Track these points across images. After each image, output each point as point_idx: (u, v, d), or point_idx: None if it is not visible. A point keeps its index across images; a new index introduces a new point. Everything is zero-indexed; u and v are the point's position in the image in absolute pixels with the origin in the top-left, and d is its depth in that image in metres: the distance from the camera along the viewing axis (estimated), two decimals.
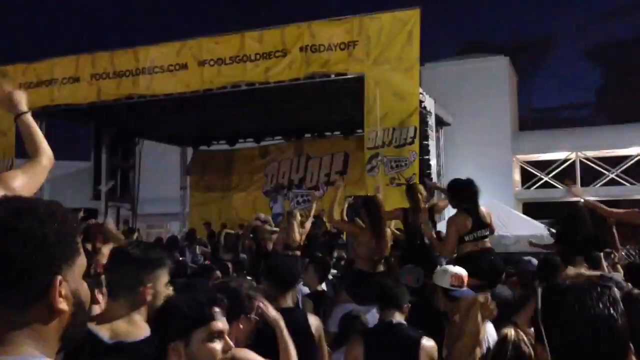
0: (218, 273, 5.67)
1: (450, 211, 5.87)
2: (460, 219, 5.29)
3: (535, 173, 24.57)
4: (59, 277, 1.11)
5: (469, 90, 22.71)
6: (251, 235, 9.28)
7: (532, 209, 20.13)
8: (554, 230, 9.74)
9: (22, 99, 2.52)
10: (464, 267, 4.39)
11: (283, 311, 3.02)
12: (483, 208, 5.49)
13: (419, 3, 9.80)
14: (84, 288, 1.17)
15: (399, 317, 3.55)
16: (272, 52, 10.38)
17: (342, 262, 8.24)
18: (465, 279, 3.99)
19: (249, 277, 5.82)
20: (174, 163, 18.68)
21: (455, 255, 5.39)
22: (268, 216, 11.03)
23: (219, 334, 1.97)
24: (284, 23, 10.53)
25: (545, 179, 24.33)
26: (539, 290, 1.46)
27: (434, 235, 6.08)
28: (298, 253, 7.43)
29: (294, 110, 13.62)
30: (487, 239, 5.39)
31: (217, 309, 2.00)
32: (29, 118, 2.49)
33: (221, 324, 1.99)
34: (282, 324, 2.75)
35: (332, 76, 10.68)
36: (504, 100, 23.70)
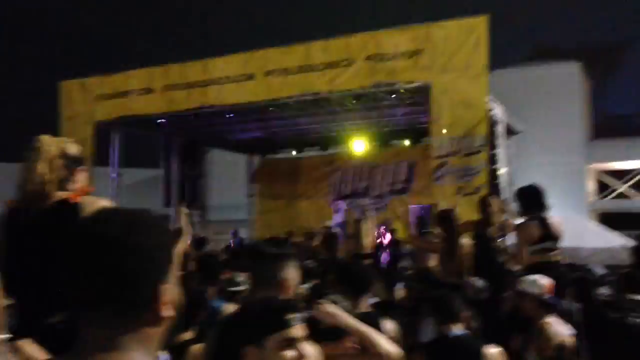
0: None
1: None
2: (528, 227, 5.11)
3: (611, 183, 23.57)
4: (164, 286, 1.17)
5: (540, 97, 22.07)
6: (324, 243, 9.31)
7: (607, 220, 19.29)
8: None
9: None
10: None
11: (356, 316, 3.01)
12: (553, 220, 5.28)
13: (488, 8, 9.63)
14: (176, 292, 1.22)
15: (456, 329, 3.53)
16: (338, 62, 10.43)
17: (408, 272, 8.14)
18: (551, 288, 4.15)
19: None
20: (241, 171, 19.04)
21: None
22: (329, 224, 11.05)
23: (294, 341, 1.97)
24: (350, 32, 10.57)
25: (621, 189, 23.30)
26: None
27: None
28: (368, 262, 7.38)
29: (359, 118, 13.63)
30: (555, 252, 5.16)
31: (292, 316, 2.00)
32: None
33: (296, 331, 1.98)
34: (339, 312, 2.71)
35: (398, 85, 10.64)
36: (576, 107, 22.90)
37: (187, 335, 3.12)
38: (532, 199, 5.27)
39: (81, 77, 13.33)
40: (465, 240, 6.12)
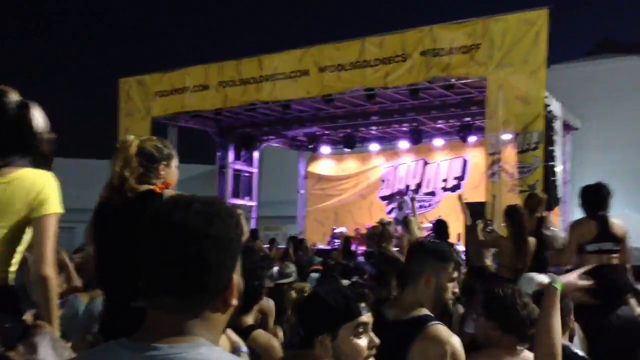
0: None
1: None
2: (583, 224, 4.90)
3: None
4: (234, 275, 1.22)
5: (599, 93, 21.38)
6: (376, 239, 9.32)
7: None
8: None
9: None
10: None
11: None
12: (616, 220, 5.04)
13: (548, 2, 9.39)
14: (241, 282, 1.26)
15: None
16: (392, 57, 10.36)
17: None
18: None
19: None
20: (293, 166, 19.20)
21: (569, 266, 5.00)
22: (389, 219, 11.03)
23: (365, 329, 1.99)
24: (405, 27, 10.50)
25: None
26: None
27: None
28: None
29: (413, 114, 13.55)
30: (615, 255, 4.88)
31: (363, 304, 2.02)
32: None
33: (367, 318, 2.00)
34: None
35: (453, 80, 10.52)
36: (638, 102, 22.07)
37: (249, 320, 3.21)
38: (595, 198, 5.04)
39: (140, 74, 13.71)
40: (531, 238, 6.07)
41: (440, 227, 8.20)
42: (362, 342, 1.97)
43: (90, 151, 27.79)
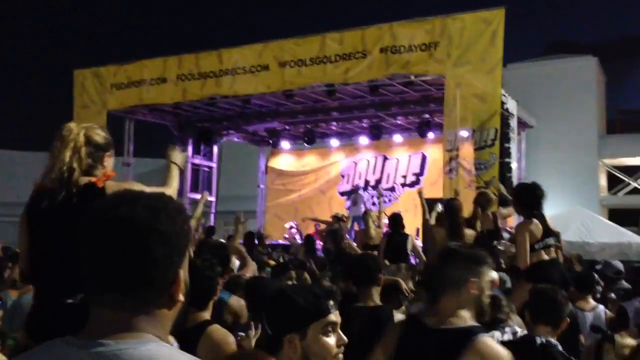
0: (293, 273, 5.78)
1: None
2: (530, 225, 5.00)
3: (623, 178, 23.42)
4: (181, 271, 1.20)
5: (554, 92, 21.91)
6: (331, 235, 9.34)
7: (618, 216, 19.19)
8: None
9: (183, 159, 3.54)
10: (534, 277, 4.36)
11: (369, 309, 3.02)
12: (547, 216, 5.21)
13: (504, 1, 9.58)
14: (187, 278, 1.24)
15: None
16: (352, 53, 10.42)
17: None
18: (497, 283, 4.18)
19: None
20: (253, 162, 19.10)
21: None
22: (345, 215, 11.06)
23: (334, 327, 1.97)
24: (365, 24, 10.56)
25: (634, 184, 23.14)
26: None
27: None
28: (376, 253, 7.43)
29: (372, 110, 13.63)
30: (554, 248, 5.11)
31: (332, 302, 1.99)
32: (177, 170, 3.39)
33: (334, 316, 1.98)
34: None
35: (412, 77, 10.63)
36: (591, 102, 22.69)
37: (205, 315, 3.17)
38: (531, 196, 5.15)
39: (95, 66, 13.41)
40: (470, 231, 6.24)
41: (395, 220, 8.29)
42: (331, 340, 1.94)
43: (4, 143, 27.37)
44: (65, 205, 2.59)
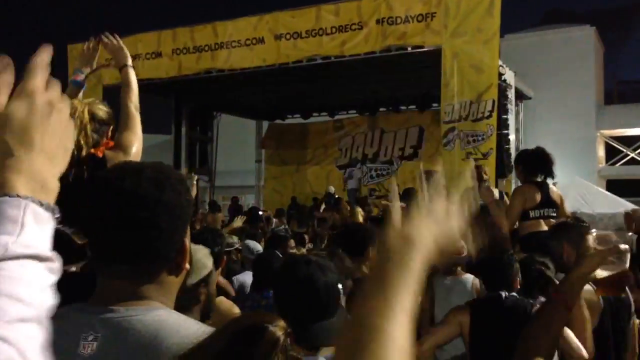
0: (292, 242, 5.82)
1: None
2: (529, 190, 4.81)
3: (621, 149, 23.42)
4: (186, 240, 1.23)
5: (551, 63, 21.77)
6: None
7: (616, 187, 19.23)
8: None
9: (127, 52, 2.89)
10: (529, 247, 4.19)
11: (361, 281, 3.03)
12: (554, 188, 5.02)
13: None
14: (190, 246, 1.27)
15: None
16: (348, 25, 10.33)
17: None
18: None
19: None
20: (250, 136, 19.04)
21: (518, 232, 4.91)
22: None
23: None
24: None
25: (632, 155, 23.16)
26: None
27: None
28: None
29: (369, 83, 13.54)
30: (553, 220, 4.76)
31: None
32: (132, 71, 2.83)
33: None
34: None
35: (409, 49, 10.53)
36: (589, 72, 22.56)
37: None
38: (536, 163, 4.92)
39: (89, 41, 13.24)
40: None
41: (409, 194, 8.41)
42: None
43: None
44: (78, 183, 2.61)
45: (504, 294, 3.16)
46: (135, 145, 2.58)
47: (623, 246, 1.57)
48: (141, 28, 13.09)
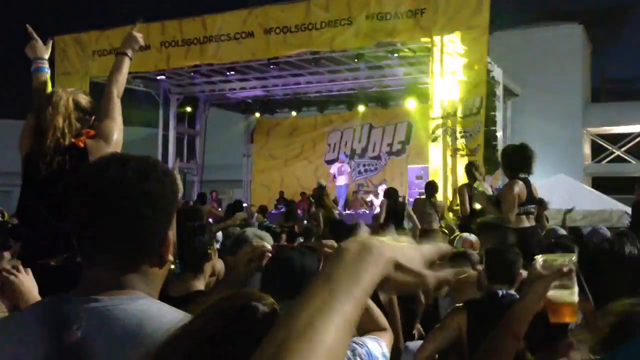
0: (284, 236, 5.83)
1: None
2: (518, 186, 4.85)
3: (607, 147, 23.61)
4: (170, 232, 1.22)
5: (539, 60, 21.86)
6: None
7: (602, 184, 19.41)
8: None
9: (136, 45, 3.05)
10: (524, 243, 4.29)
11: None
12: (534, 184, 5.10)
13: None
14: (175, 239, 1.27)
15: None
16: (338, 20, 10.30)
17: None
18: (475, 244, 4.25)
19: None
20: (238, 130, 18.98)
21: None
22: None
23: None
24: None
25: (617, 152, 23.35)
26: None
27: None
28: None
29: (358, 78, 13.56)
30: (532, 216, 5.00)
31: None
32: (128, 61, 2.98)
33: None
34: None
35: (398, 45, 10.56)
36: (576, 70, 22.69)
37: (199, 285, 3.18)
38: (519, 160, 4.98)
39: (76, 32, 13.14)
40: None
41: (432, 187, 8.58)
42: None
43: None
44: (61, 172, 2.61)
45: (500, 292, 3.17)
46: (116, 133, 2.63)
47: (566, 268, 1.59)
48: (129, 21, 12.92)
